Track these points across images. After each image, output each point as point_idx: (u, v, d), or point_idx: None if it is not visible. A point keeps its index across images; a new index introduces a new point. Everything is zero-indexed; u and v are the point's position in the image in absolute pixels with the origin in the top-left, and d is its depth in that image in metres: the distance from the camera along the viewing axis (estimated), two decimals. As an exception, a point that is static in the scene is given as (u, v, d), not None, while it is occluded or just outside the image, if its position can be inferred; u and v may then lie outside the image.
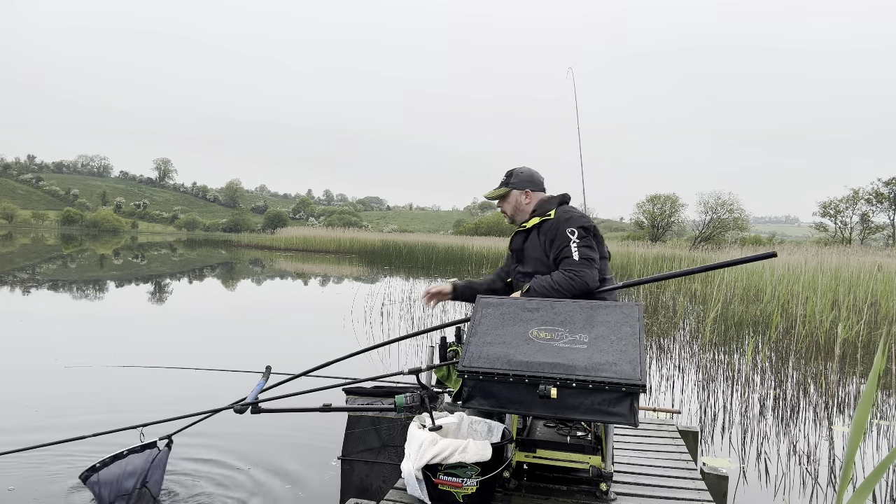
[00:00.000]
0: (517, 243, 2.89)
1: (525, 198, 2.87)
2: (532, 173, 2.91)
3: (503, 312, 2.43)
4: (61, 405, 4.95)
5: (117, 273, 19.52)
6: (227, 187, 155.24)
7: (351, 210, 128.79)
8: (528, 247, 2.81)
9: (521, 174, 2.89)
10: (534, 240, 2.78)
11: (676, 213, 42.93)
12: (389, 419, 2.84)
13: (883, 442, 4.79)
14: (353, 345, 7.98)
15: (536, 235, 2.77)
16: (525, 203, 2.87)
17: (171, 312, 11.28)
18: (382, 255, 30.98)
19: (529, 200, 2.87)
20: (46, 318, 9.65)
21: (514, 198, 2.88)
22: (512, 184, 2.88)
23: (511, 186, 2.88)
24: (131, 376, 5.76)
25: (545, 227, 2.74)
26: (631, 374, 2.06)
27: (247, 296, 14.77)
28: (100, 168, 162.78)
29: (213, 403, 2.76)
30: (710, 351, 8.02)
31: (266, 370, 2.87)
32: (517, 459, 2.44)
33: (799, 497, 3.71)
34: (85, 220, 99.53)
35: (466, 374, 2.20)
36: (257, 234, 58.17)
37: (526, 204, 2.87)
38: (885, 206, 44.09)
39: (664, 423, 3.59)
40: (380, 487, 2.81)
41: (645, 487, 2.53)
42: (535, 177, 2.91)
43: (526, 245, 2.83)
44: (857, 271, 11.56)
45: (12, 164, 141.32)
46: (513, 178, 2.89)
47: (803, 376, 6.56)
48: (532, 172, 2.92)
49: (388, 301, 12.34)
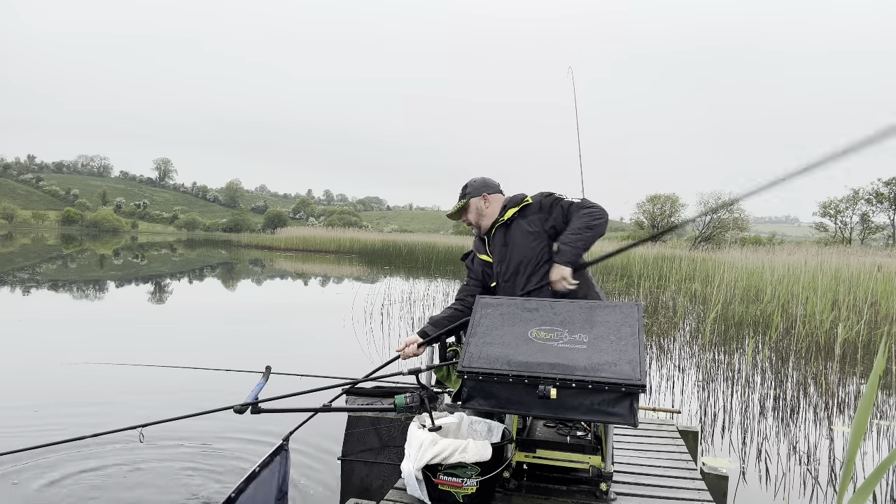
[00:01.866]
0: (498, 240, 2.86)
1: (484, 202, 2.90)
2: (484, 179, 2.97)
3: (503, 313, 2.42)
4: (61, 405, 4.95)
5: (117, 273, 19.52)
6: (227, 187, 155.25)
7: (351, 210, 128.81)
8: (512, 236, 2.81)
9: (475, 183, 2.95)
10: (518, 226, 2.80)
11: (676, 213, 42.90)
12: (389, 419, 2.84)
13: (883, 442, 4.79)
14: (353, 345, 8.01)
15: (521, 221, 2.80)
16: (485, 207, 2.90)
17: (171, 312, 11.28)
18: (382, 255, 30.97)
19: (489, 203, 2.90)
20: (46, 317, 9.65)
21: (474, 205, 2.91)
22: (468, 194, 2.92)
23: (468, 197, 2.92)
24: (131, 376, 5.76)
25: (529, 211, 2.80)
26: (630, 374, 2.05)
27: (247, 296, 14.77)
28: (100, 168, 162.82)
29: (213, 403, 2.75)
30: (710, 351, 8.02)
31: (266, 370, 2.86)
32: (517, 459, 2.43)
33: (799, 497, 3.71)
34: (85, 221, 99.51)
35: (466, 374, 2.20)
36: (257, 235, 58.13)
37: (486, 207, 2.90)
38: (885, 206, 44.06)
39: (664, 423, 3.59)
40: (380, 487, 2.81)
41: (645, 487, 2.53)
42: (489, 181, 2.96)
43: (508, 239, 2.82)
44: (857, 271, 11.55)
45: (12, 164, 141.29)
46: (468, 188, 2.94)
47: (803, 376, 6.56)
48: (484, 178, 2.97)
49: (388, 301, 12.34)
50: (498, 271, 2.88)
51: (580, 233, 2.64)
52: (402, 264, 26.82)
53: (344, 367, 4.04)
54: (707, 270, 16.04)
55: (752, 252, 19.12)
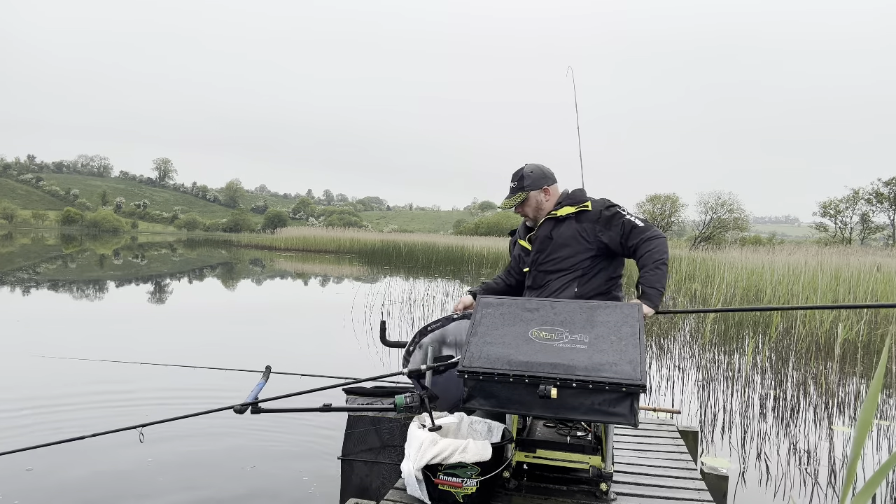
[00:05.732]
0: (544, 230, 2.82)
1: (545, 195, 2.82)
2: (542, 169, 2.86)
3: (503, 312, 2.42)
4: (60, 405, 4.94)
5: (117, 273, 19.51)
6: (227, 187, 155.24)
7: (351, 210, 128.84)
8: (561, 233, 2.77)
9: (533, 174, 2.82)
10: (570, 226, 2.75)
11: (676, 213, 42.90)
12: (389, 419, 2.84)
13: (883, 442, 4.79)
14: (353, 345, 8.01)
15: (574, 223, 2.75)
16: (545, 201, 2.83)
17: (171, 312, 11.27)
18: (382, 255, 30.95)
19: (549, 197, 2.83)
20: (46, 317, 9.64)
21: (534, 199, 2.82)
22: (527, 186, 2.81)
23: (527, 189, 2.81)
24: (131, 375, 5.76)
25: (585, 217, 2.74)
26: (631, 374, 2.05)
27: (247, 296, 14.76)
28: (100, 168, 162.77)
29: (213, 403, 2.75)
30: (710, 351, 8.02)
31: (266, 370, 2.86)
32: (517, 459, 2.43)
33: (799, 497, 3.70)
34: (85, 220, 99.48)
35: (466, 374, 2.19)
36: (257, 234, 58.16)
37: (546, 201, 2.83)
38: (885, 206, 44.03)
39: (664, 423, 3.58)
40: (380, 487, 2.81)
41: (645, 487, 2.53)
42: (547, 171, 2.86)
43: (556, 232, 2.78)
44: (857, 271, 11.54)
45: (12, 164, 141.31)
46: (525, 180, 2.82)
47: (803, 376, 6.55)
48: (542, 168, 2.86)
49: (388, 301, 12.33)
50: (535, 259, 2.85)
51: (659, 273, 2.59)
52: (402, 264, 26.81)
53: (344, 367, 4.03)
54: (707, 270, 16.03)
55: (752, 252, 19.11)
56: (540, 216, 2.86)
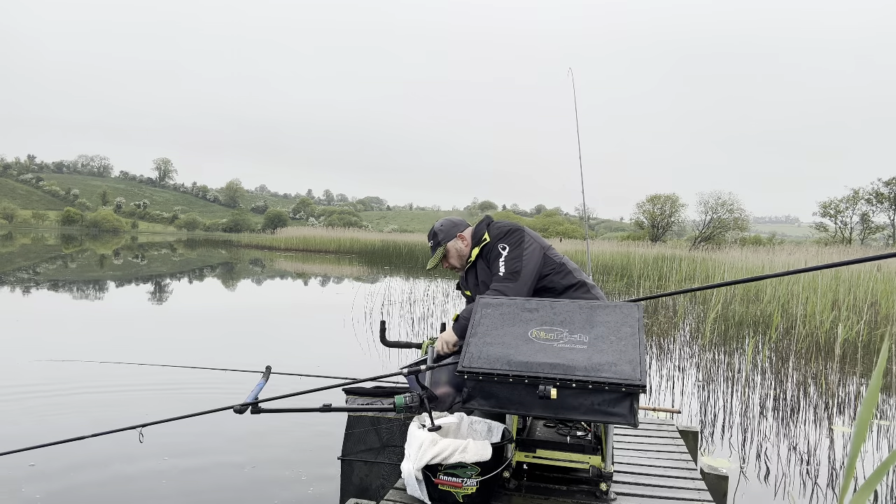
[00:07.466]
0: (471, 282, 2.88)
1: (461, 241, 2.89)
2: (452, 220, 2.95)
3: (503, 313, 2.42)
4: (61, 405, 4.95)
5: (117, 273, 19.51)
6: (227, 187, 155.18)
7: (351, 210, 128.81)
8: (480, 275, 2.82)
9: (443, 227, 2.92)
10: (482, 269, 2.82)
11: (676, 213, 42.93)
12: (389, 419, 2.84)
13: (883, 442, 4.79)
14: (353, 345, 8.01)
15: (482, 261, 2.81)
16: (465, 246, 2.89)
17: (171, 312, 11.28)
18: (382, 255, 30.96)
19: (465, 241, 2.89)
20: (46, 317, 9.65)
21: (453, 249, 2.89)
22: (442, 241, 2.89)
23: (443, 242, 2.89)
24: (131, 375, 5.76)
25: (485, 251, 2.79)
26: (631, 374, 2.05)
27: (247, 296, 14.77)
28: (100, 168, 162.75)
29: (213, 403, 2.75)
30: (710, 351, 8.02)
31: (266, 370, 2.86)
32: (517, 459, 2.43)
33: (799, 497, 3.71)
34: (85, 220, 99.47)
35: (466, 374, 2.19)
36: (257, 235, 58.15)
37: (465, 246, 2.89)
38: (885, 206, 44.03)
39: (664, 423, 3.58)
40: (380, 487, 2.81)
41: (645, 487, 2.53)
42: (457, 220, 2.96)
43: (478, 276, 2.84)
44: (857, 271, 11.54)
45: (12, 164, 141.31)
46: (439, 235, 2.90)
47: (803, 376, 6.56)
48: (451, 220, 2.96)
49: (387, 301, 12.34)
50: None
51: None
52: (402, 264, 26.82)
53: (344, 367, 4.04)
54: (707, 270, 16.04)
55: (752, 252, 19.14)
56: (465, 262, 2.91)
